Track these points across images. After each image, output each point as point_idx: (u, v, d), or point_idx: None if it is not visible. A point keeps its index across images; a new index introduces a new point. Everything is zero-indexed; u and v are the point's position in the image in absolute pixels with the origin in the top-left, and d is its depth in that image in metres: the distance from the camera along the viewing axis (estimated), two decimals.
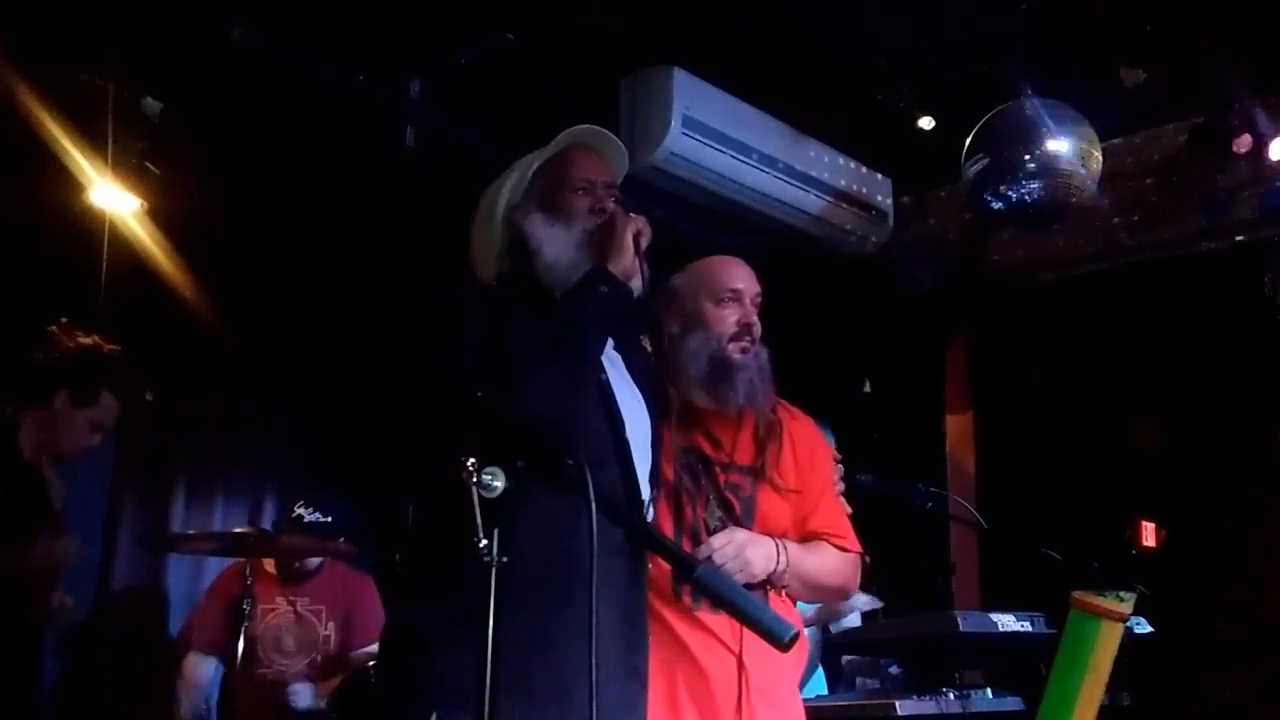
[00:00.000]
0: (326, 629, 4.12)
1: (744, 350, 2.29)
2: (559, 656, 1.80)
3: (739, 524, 2.25)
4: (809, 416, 2.49)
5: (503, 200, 2.14)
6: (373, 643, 4.20)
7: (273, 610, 4.05)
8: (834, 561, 2.36)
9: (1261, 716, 4.04)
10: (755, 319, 2.34)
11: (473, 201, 2.22)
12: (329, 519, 4.05)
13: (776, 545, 2.23)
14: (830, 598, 2.40)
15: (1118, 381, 4.66)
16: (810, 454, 2.40)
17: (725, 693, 2.13)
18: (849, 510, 2.58)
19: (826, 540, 2.35)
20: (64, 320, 3.27)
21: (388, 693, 2.07)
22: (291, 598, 4.07)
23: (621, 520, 1.70)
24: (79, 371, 3.22)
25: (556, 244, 2.06)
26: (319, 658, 4.07)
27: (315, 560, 4.11)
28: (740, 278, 2.36)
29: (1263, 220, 4.19)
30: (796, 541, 2.29)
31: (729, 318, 2.30)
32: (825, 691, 3.55)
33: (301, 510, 4.04)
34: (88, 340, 3.26)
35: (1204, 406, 4.43)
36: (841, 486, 2.73)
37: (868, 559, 2.52)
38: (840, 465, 2.83)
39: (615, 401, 2.04)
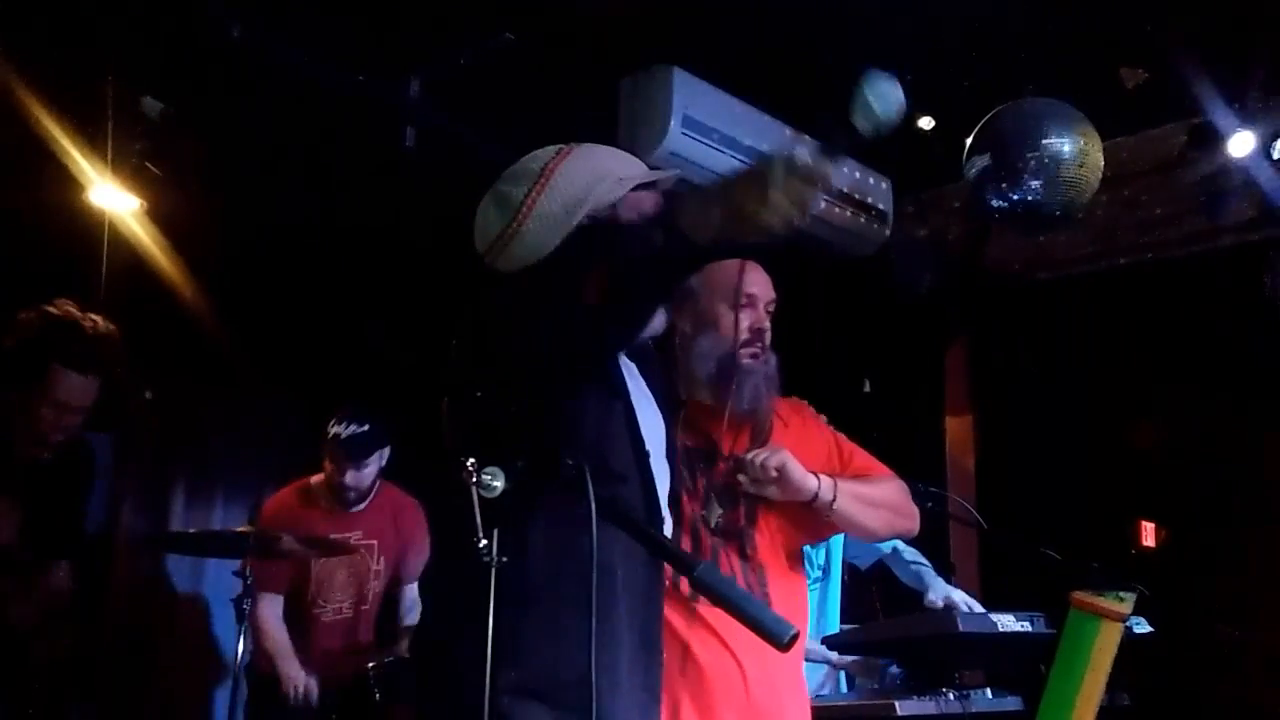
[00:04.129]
0: (378, 564, 3.99)
1: (754, 356, 2.28)
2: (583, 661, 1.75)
3: (739, 521, 2.25)
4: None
5: (588, 201, 1.93)
6: (414, 580, 4.06)
7: None
8: (885, 484, 2.35)
9: (1261, 717, 4.05)
10: (768, 325, 2.32)
11: (473, 202, 2.19)
12: (365, 427, 3.88)
13: (817, 475, 2.23)
14: (896, 523, 2.37)
15: (1118, 381, 4.66)
16: (801, 426, 2.40)
17: (724, 685, 2.13)
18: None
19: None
20: None
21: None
22: (344, 533, 3.94)
23: (621, 521, 1.70)
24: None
25: None
26: (368, 595, 3.98)
27: (370, 482, 3.96)
28: (757, 283, 2.33)
29: (1263, 220, 4.19)
30: None
31: (742, 322, 2.29)
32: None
33: (337, 428, 3.87)
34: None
35: (1204, 407, 4.42)
36: None
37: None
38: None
39: (637, 417, 1.99)
